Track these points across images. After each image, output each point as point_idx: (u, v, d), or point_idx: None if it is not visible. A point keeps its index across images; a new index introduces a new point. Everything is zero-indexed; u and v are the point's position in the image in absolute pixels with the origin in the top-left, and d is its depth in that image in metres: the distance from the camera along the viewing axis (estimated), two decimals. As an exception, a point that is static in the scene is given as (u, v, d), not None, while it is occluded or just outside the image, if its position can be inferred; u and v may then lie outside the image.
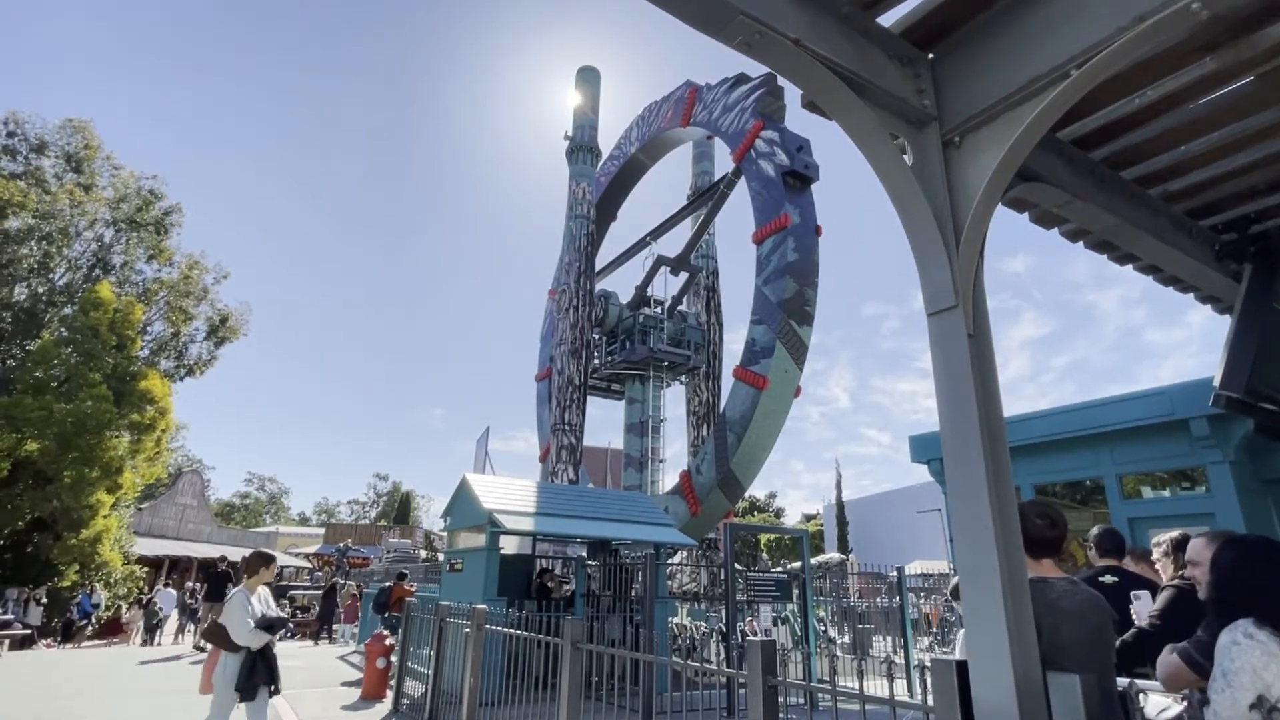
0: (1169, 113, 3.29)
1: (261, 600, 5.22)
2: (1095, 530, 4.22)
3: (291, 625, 21.87)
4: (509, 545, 10.67)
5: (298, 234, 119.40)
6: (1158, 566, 3.57)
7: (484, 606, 6.36)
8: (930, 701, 2.26)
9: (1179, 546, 3.25)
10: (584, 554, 11.40)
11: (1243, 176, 3.79)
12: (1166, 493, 7.13)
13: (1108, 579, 3.85)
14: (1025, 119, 2.46)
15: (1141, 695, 3.05)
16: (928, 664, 2.33)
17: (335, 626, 21.14)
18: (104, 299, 18.85)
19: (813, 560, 19.86)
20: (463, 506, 10.13)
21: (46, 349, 17.94)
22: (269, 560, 5.48)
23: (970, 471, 2.32)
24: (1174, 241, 4.10)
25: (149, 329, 21.33)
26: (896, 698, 2.45)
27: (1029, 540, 2.28)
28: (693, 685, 8.88)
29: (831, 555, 21.32)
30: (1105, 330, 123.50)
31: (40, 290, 19.70)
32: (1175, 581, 3.16)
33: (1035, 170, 3.36)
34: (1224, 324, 4.57)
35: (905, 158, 2.76)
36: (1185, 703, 2.81)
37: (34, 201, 18.32)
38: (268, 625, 5.14)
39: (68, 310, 19.36)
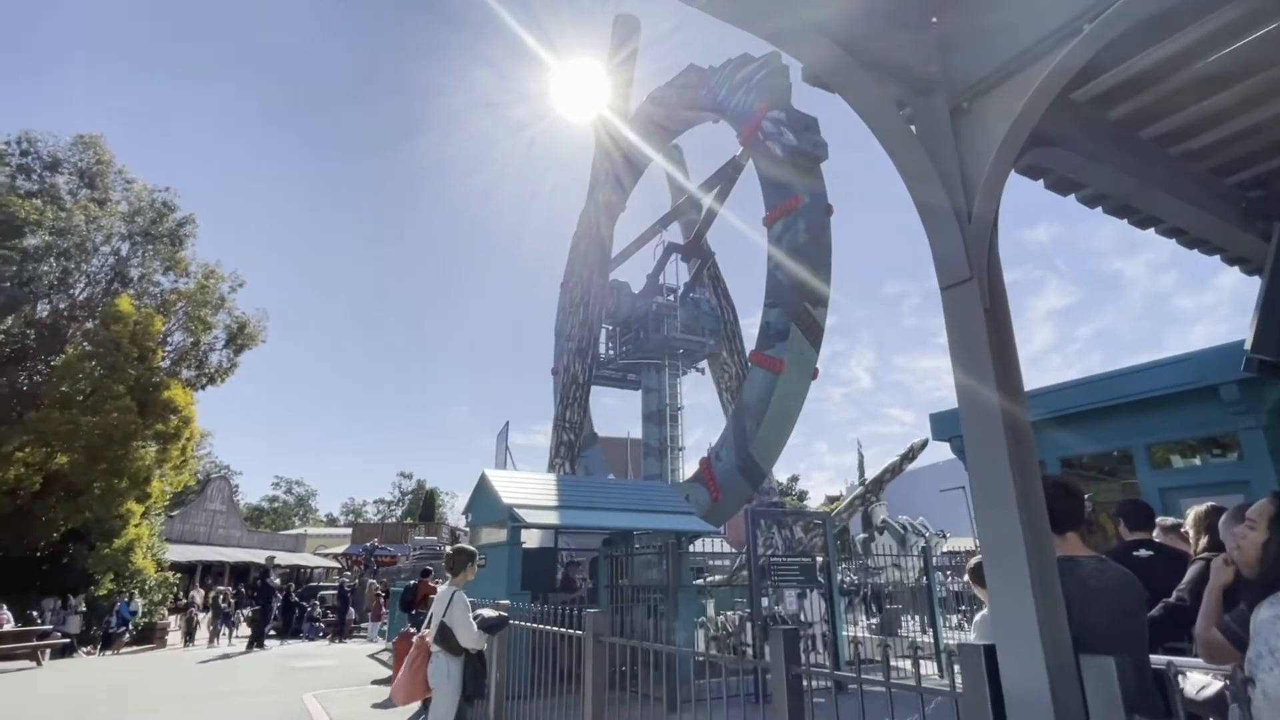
0: (1188, 67, 3.14)
1: None
2: (1121, 502, 4.10)
3: (323, 625, 22.25)
4: (532, 539, 10.70)
5: (313, 237, 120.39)
6: (1189, 538, 3.46)
7: (506, 601, 6.37)
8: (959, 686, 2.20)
9: (1210, 517, 3.14)
10: (603, 544, 11.40)
11: (1267, 130, 3.63)
12: (1197, 461, 6.96)
13: (1142, 553, 3.74)
14: (1036, 79, 2.35)
15: (1180, 675, 2.94)
16: (955, 646, 2.27)
17: (364, 625, 21.48)
18: (124, 312, 19.10)
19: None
20: (483, 502, 10.16)
21: (71, 363, 18.23)
22: (473, 557, 5.23)
23: (991, 450, 2.24)
24: (1198, 201, 3.95)
25: (169, 339, 21.60)
26: (925, 681, 2.38)
27: (1048, 514, 2.20)
28: (717, 672, 8.86)
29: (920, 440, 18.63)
30: (1132, 297, 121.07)
31: (61, 306, 20.01)
32: (1206, 554, 3.05)
33: (1049, 134, 3.24)
34: (1255, 285, 4.41)
35: (911, 127, 2.66)
36: (1226, 680, 2.71)
37: (50, 219, 18.57)
38: (488, 626, 4.93)
39: (89, 324, 19.65)
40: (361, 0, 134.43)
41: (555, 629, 4.97)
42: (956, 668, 2.24)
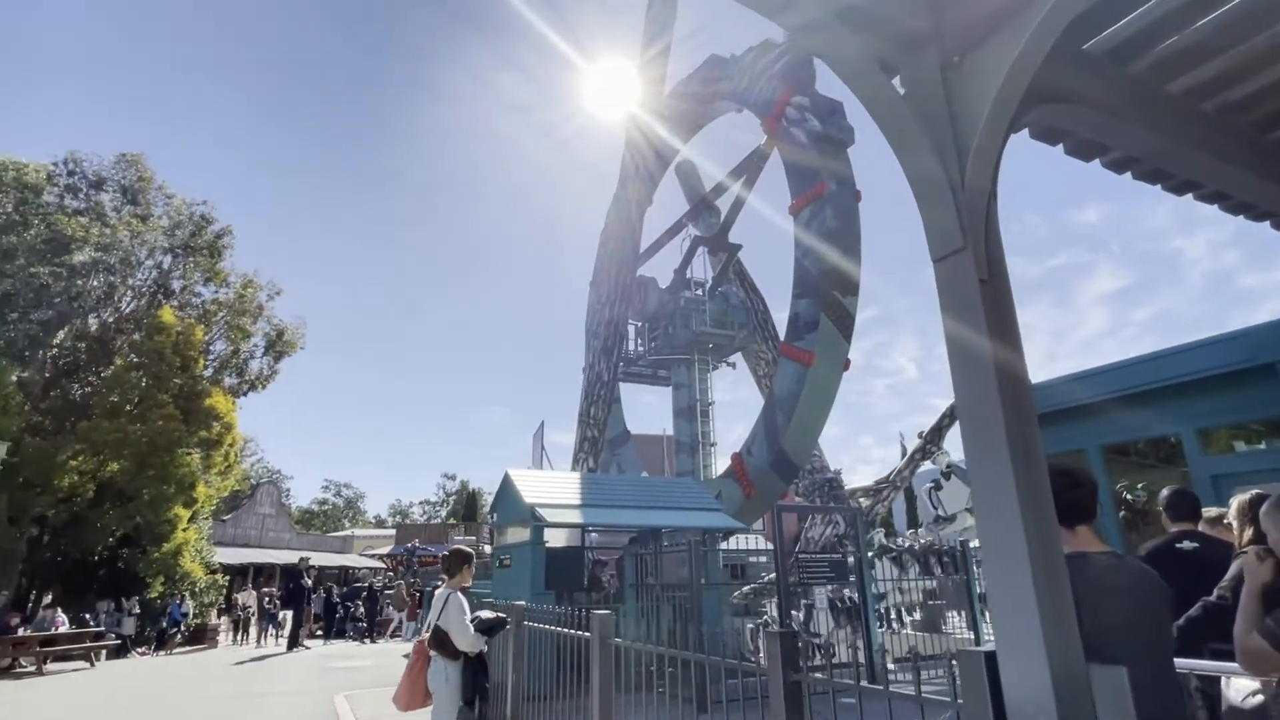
0: (1219, 7, 2.84)
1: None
2: (1165, 491, 3.82)
3: (366, 625, 22.67)
4: (559, 538, 10.62)
5: (347, 242, 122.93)
6: (1233, 529, 3.15)
7: (522, 603, 6.28)
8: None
9: (1255, 507, 2.84)
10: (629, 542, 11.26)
11: (1316, 76, 3.28)
12: (1262, 445, 6.51)
13: (1186, 545, 3.48)
14: (1035, 20, 2.11)
15: (1223, 679, 2.66)
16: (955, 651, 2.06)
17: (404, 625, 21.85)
18: (167, 323, 19.72)
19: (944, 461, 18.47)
20: (507, 502, 10.13)
21: (119, 374, 18.89)
22: (469, 559, 5.06)
23: (988, 437, 2.02)
24: (1239, 160, 3.60)
25: (210, 348, 22.24)
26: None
27: (1055, 506, 1.98)
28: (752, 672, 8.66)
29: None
30: (1192, 278, 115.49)
31: (109, 319, 20.75)
32: (1250, 548, 2.76)
33: (1065, 90, 2.96)
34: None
35: (898, 88, 2.45)
36: (1274, 685, 2.44)
37: (96, 235, 19.26)
38: (486, 628, 4.80)
39: (135, 336, 20.34)
40: (389, 6, 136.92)
41: (563, 630, 4.85)
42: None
